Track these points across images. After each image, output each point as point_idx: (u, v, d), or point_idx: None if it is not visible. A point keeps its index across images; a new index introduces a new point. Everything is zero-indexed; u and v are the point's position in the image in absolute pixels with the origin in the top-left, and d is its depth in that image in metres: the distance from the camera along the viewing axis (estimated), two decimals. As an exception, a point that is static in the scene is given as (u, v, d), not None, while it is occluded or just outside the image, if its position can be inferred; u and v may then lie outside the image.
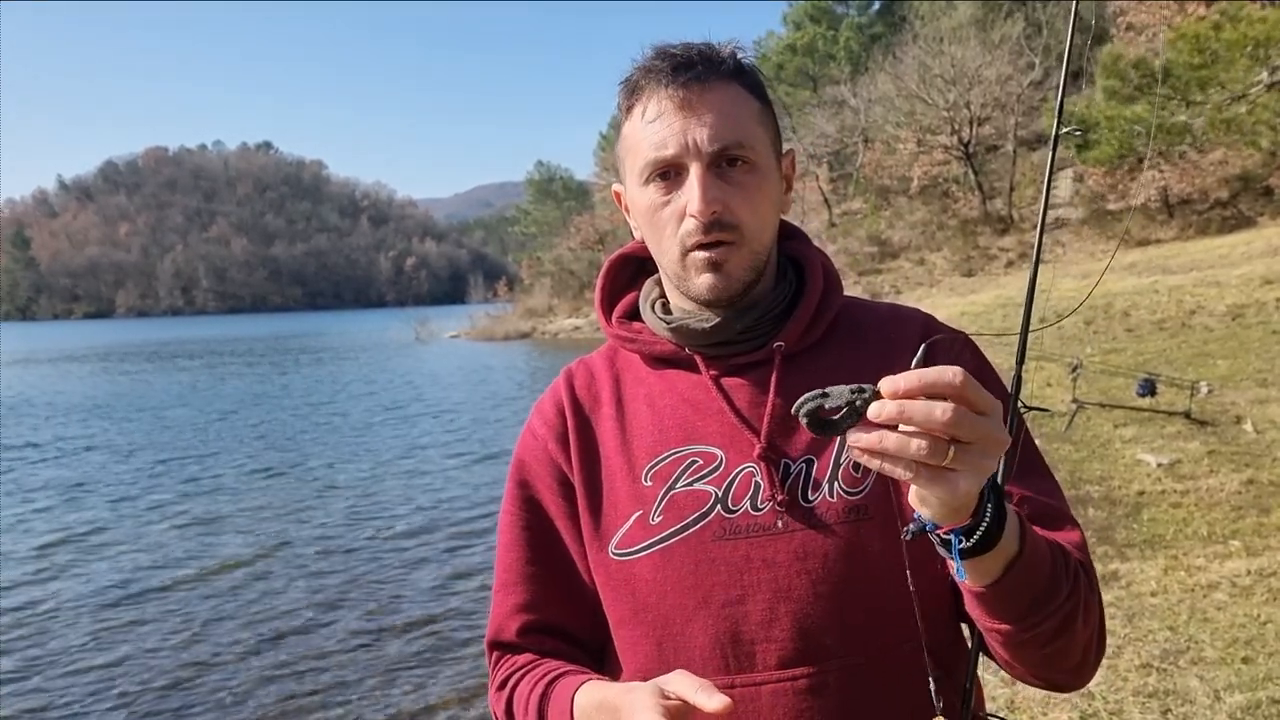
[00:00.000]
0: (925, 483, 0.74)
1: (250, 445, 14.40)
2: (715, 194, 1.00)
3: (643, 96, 1.03)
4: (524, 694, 1.08)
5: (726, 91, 1.02)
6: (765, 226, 1.06)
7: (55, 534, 8.98)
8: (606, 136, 50.88)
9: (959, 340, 1.13)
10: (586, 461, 1.11)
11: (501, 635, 1.15)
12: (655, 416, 1.10)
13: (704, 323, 1.07)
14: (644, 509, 1.06)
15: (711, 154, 1.00)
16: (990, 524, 0.82)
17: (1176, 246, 22.13)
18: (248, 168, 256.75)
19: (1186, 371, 9.76)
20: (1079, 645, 0.96)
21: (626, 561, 1.06)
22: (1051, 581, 0.90)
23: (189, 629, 6.23)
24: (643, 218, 1.07)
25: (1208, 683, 3.66)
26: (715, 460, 1.05)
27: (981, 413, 0.74)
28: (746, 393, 1.07)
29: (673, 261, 1.05)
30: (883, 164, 34.93)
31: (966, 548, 0.82)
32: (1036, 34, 32.89)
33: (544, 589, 1.13)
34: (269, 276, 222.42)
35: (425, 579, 7.10)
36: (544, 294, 45.70)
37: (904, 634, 1.00)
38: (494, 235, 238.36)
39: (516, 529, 1.15)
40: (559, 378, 1.19)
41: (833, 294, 1.13)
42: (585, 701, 0.98)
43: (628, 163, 1.07)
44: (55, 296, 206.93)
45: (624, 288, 1.21)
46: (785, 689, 0.99)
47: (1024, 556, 0.87)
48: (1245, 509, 5.82)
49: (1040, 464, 1.10)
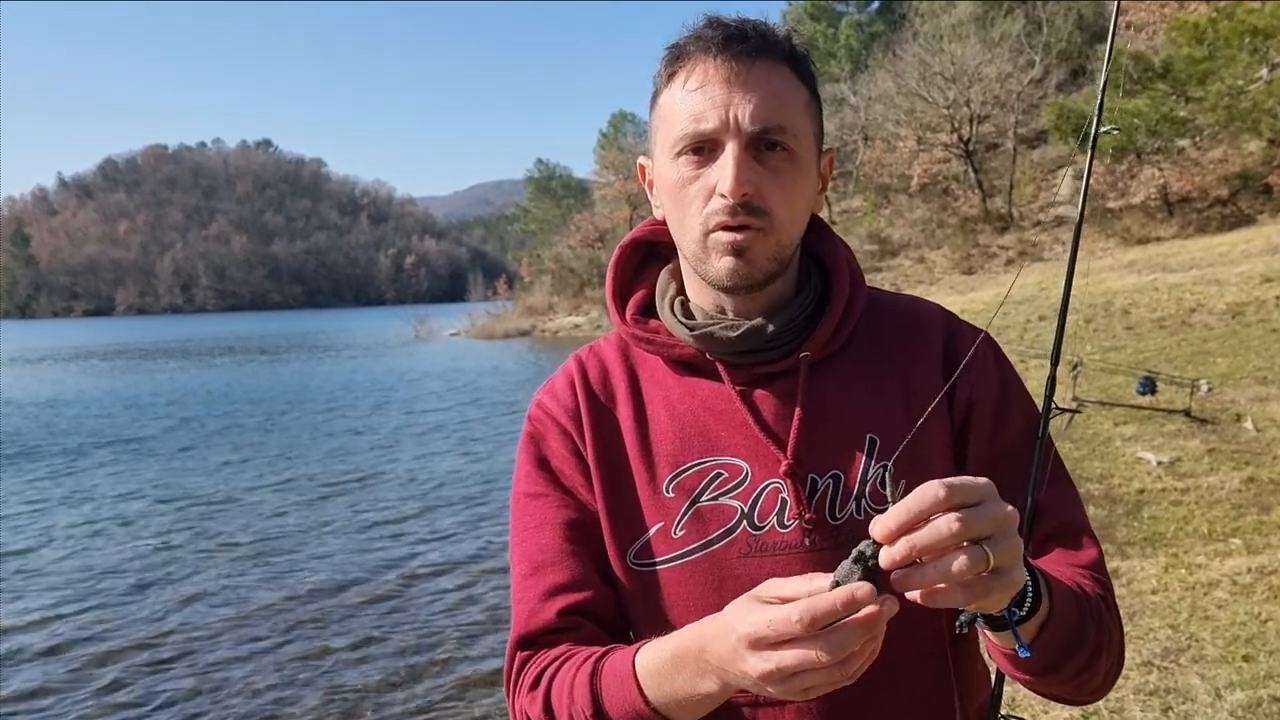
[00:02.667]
0: (983, 595, 0.73)
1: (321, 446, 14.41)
2: (749, 175, 0.94)
3: (688, 63, 0.97)
4: (566, 681, 0.95)
5: (777, 72, 0.97)
6: (795, 220, 1.00)
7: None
8: (606, 135, 50.92)
9: (982, 340, 1.10)
10: (604, 453, 1.06)
11: (534, 622, 1.02)
12: (676, 424, 1.05)
13: (730, 331, 1.02)
14: (666, 521, 1.01)
15: (752, 134, 0.94)
16: (1034, 587, 0.82)
17: (1176, 244, 22.13)
18: (247, 165, 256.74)
19: (1186, 369, 9.76)
20: (1100, 674, 0.96)
21: (645, 572, 1.02)
22: (1079, 631, 0.90)
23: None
24: (668, 192, 1.01)
25: (1209, 681, 3.66)
26: (741, 474, 1.01)
27: (979, 503, 0.72)
28: (772, 404, 1.03)
29: (693, 241, 0.99)
30: (883, 162, 34.96)
31: (1023, 616, 0.82)
32: (1037, 31, 32.89)
33: (585, 568, 1.03)
34: (268, 274, 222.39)
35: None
36: (544, 292, 45.71)
37: (929, 651, 1.00)
38: (494, 233, 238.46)
39: (547, 508, 1.06)
40: (569, 362, 1.14)
41: (858, 298, 1.08)
42: (651, 660, 0.89)
43: (660, 132, 1.01)
44: (55, 294, 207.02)
45: (633, 276, 1.16)
46: (811, 707, 0.97)
47: (1055, 615, 0.86)
48: (1246, 507, 5.82)
49: (1062, 473, 1.08)
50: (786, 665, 0.73)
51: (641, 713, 0.88)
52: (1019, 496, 1.01)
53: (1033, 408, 1.09)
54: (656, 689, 0.87)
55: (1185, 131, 19.30)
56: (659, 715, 0.88)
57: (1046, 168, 31.75)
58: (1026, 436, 1.05)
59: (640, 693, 0.88)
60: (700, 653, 0.82)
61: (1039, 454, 1.04)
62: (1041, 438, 1.05)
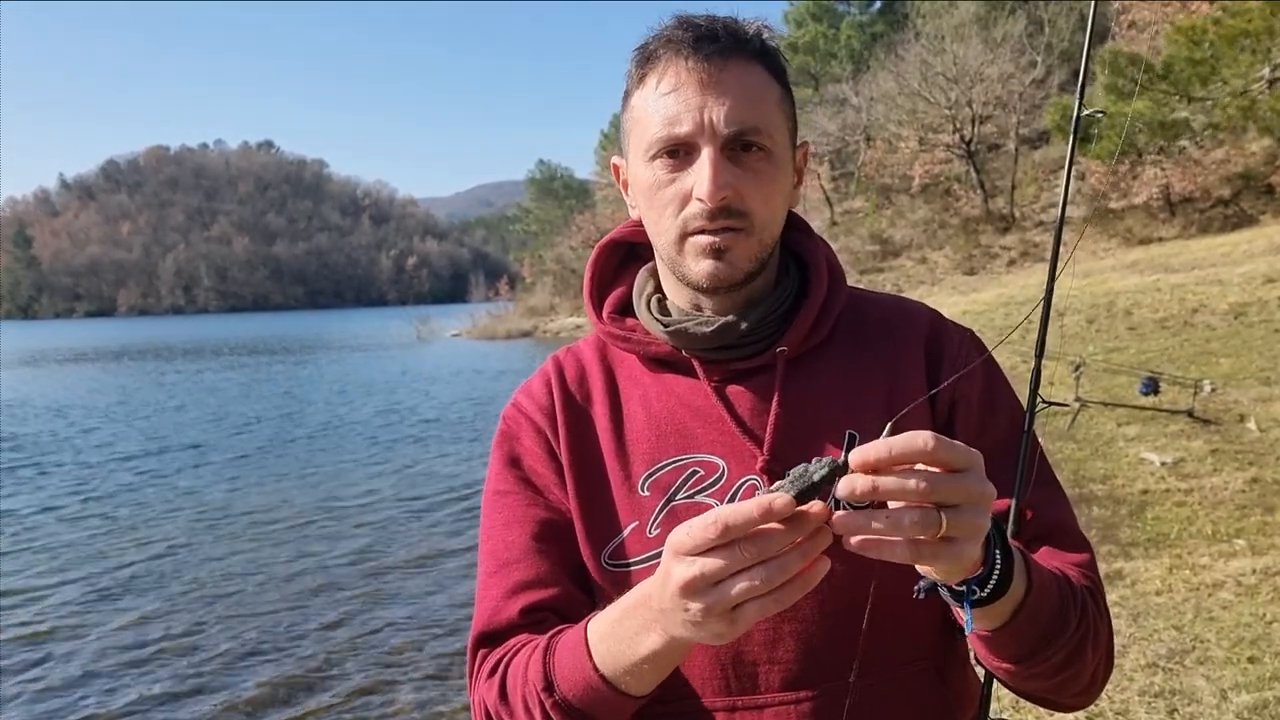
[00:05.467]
0: (928, 559, 0.71)
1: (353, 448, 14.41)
2: (727, 179, 0.93)
3: (659, 65, 0.96)
4: (521, 663, 0.94)
5: (749, 71, 0.96)
6: (774, 218, 1.00)
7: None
8: (608, 135, 50.94)
9: (966, 338, 1.10)
10: (578, 452, 1.05)
11: (496, 620, 1.00)
12: (652, 421, 1.04)
13: (704, 326, 1.01)
14: (641, 520, 1.00)
15: (727, 136, 0.93)
16: (1002, 571, 0.79)
17: (1178, 245, 22.10)
18: (249, 166, 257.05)
19: (1189, 370, 9.74)
20: (1087, 672, 0.94)
21: (619, 572, 1.00)
22: (1059, 618, 0.88)
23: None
24: (643, 195, 1.00)
25: (1214, 682, 3.64)
26: (717, 471, 0.99)
27: (960, 470, 0.70)
28: (748, 400, 1.02)
29: (669, 244, 0.99)
30: (884, 162, 34.93)
31: (982, 598, 0.79)
32: (1039, 32, 32.89)
33: (551, 567, 1.01)
34: (270, 275, 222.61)
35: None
36: (545, 293, 45.77)
37: (912, 654, 0.98)
38: (495, 234, 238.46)
39: (515, 506, 1.05)
40: (546, 363, 1.13)
41: (837, 293, 1.07)
42: (601, 623, 0.87)
43: (634, 135, 1.00)
44: (57, 295, 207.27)
45: (613, 276, 1.15)
46: (789, 711, 0.95)
47: (1031, 597, 0.84)
48: (1249, 508, 5.80)
49: (1049, 475, 1.06)
50: (710, 571, 0.70)
51: (590, 680, 0.86)
52: (1005, 497, 0.99)
53: (1019, 407, 1.08)
54: (605, 653, 0.86)
55: (1187, 135, 19.28)
56: (608, 684, 0.86)
57: (1048, 168, 31.71)
58: (1013, 435, 1.04)
59: (590, 658, 0.87)
60: (645, 600, 0.81)
61: (1025, 444, 1.02)
62: (1027, 432, 1.04)
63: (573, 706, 0.88)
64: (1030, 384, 1.11)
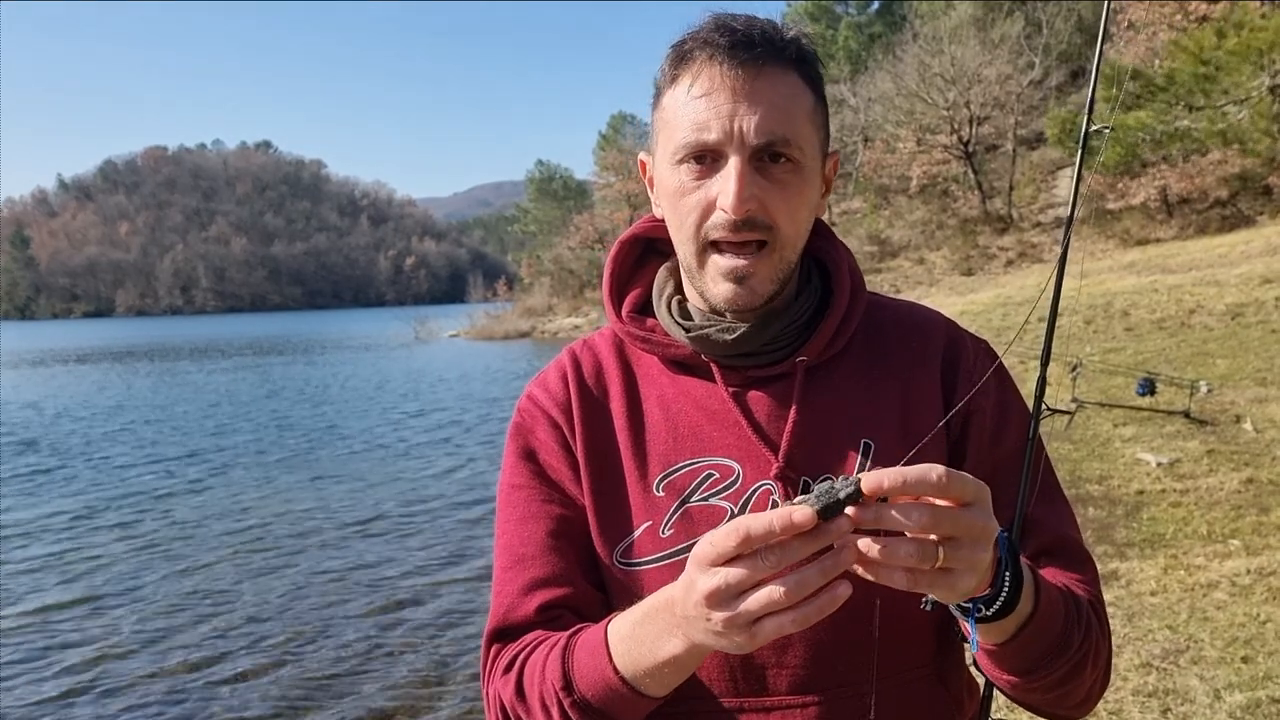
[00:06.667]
0: (925, 587, 0.73)
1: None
2: (753, 191, 0.92)
3: (693, 67, 0.95)
4: (539, 660, 0.94)
5: (784, 80, 0.94)
6: (799, 233, 0.99)
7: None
8: (606, 136, 50.93)
9: (981, 350, 1.10)
10: (594, 447, 1.04)
11: (513, 616, 1.00)
12: (669, 423, 1.03)
13: (726, 334, 1.01)
14: (654, 520, 1.00)
15: (756, 147, 0.92)
16: (1009, 592, 0.80)
17: (1176, 246, 22.12)
18: (247, 167, 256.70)
19: (1186, 371, 9.76)
20: (1084, 687, 0.95)
21: (632, 571, 1.00)
22: (1063, 635, 0.89)
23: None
24: (667, 198, 0.99)
25: (1207, 682, 3.66)
26: (732, 474, 1.00)
27: (968, 503, 0.72)
28: (766, 406, 1.02)
29: (691, 255, 0.99)
30: (882, 163, 34.97)
31: (986, 616, 0.80)
32: (1036, 33, 32.93)
33: (567, 564, 1.01)
34: (268, 276, 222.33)
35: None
36: (543, 293, 45.73)
37: (915, 659, 0.99)
38: (493, 234, 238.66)
39: (531, 501, 1.04)
40: (562, 355, 1.13)
41: (857, 304, 1.07)
42: (623, 625, 0.88)
43: (662, 136, 0.99)
44: (54, 296, 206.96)
45: (631, 272, 1.14)
46: (795, 715, 0.96)
47: (1037, 616, 0.85)
48: (1245, 508, 5.82)
49: (1055, 488, 1.07)
50: (733, 582, 0.72)
51: (610, 682, 0.87)
52: (1014, 509, 1.01)
53: (1029, 415, 1.09)
54: (625, 655, 0.86)
55: (1188, 143, 19.28)
56: (627, 685, 0.86)
57: (1046, 169, 31.75)
58: (1025, 445, 1.05)
59: (610, 660, 0.87)
60: (668, 604, 0.82)
61: (1029, 455, 1.04)
62: (1033, 439, 1.05)
63: (591, 706, 0.89)
64: (1035, 392, 1.12)
